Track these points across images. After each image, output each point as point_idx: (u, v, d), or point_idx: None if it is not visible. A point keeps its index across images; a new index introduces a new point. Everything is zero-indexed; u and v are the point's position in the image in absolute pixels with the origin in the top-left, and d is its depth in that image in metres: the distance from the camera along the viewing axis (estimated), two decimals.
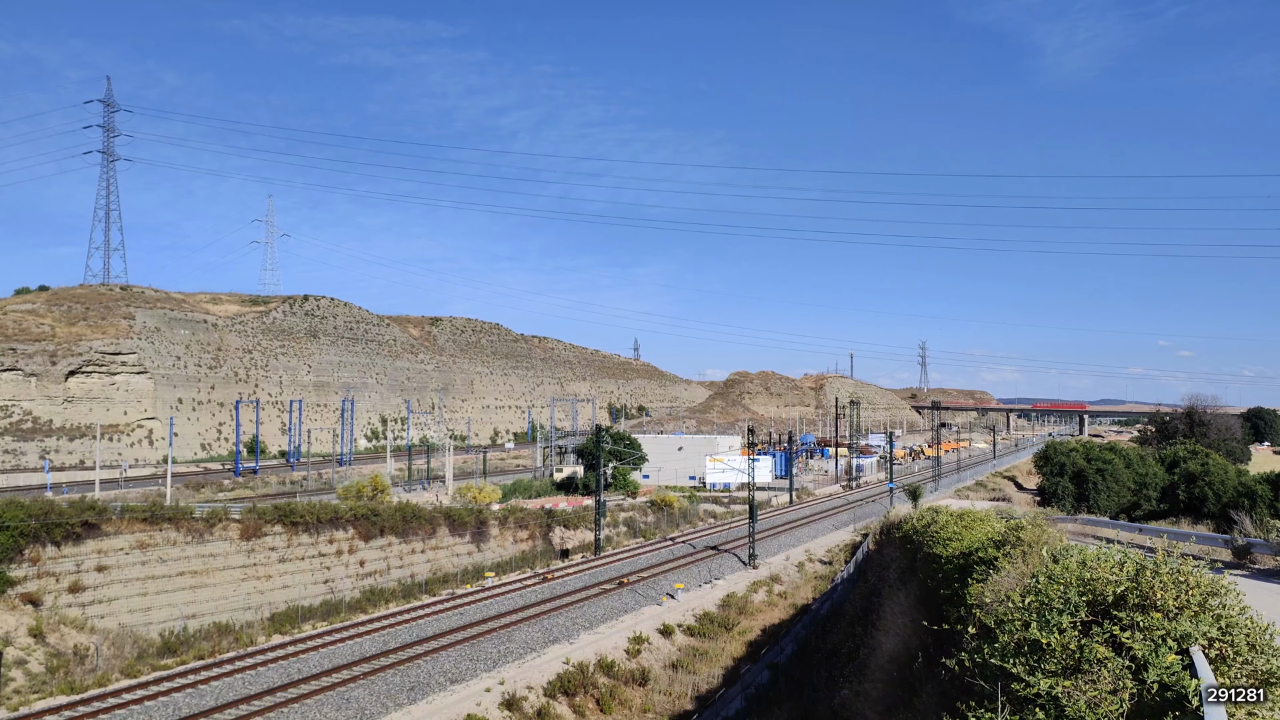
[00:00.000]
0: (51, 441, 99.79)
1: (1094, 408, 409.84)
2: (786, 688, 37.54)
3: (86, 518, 50.87)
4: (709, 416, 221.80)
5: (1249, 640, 8.83)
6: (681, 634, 45.21)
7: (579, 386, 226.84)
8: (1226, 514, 58.20)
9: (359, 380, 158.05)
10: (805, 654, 42.64)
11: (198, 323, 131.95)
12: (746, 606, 51.43)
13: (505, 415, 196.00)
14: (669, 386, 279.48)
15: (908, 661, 21.00)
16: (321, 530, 60.18)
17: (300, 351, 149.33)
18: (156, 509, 55.82)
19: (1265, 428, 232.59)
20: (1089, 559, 10.93)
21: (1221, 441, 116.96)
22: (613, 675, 37.50)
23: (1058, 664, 9.04)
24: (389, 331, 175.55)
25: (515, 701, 32.84)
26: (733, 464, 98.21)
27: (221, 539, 56.52)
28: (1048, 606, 10.01)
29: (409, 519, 63.79)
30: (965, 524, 25.94)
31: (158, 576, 53.08)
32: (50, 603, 47.08)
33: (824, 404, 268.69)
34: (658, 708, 36.04)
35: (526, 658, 37.63)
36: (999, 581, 14.28)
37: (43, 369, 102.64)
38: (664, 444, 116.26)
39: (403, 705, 31.43)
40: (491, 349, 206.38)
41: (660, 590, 51.19)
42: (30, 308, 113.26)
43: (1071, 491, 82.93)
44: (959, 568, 20.07)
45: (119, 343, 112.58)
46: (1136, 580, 9.74)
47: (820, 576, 60.93)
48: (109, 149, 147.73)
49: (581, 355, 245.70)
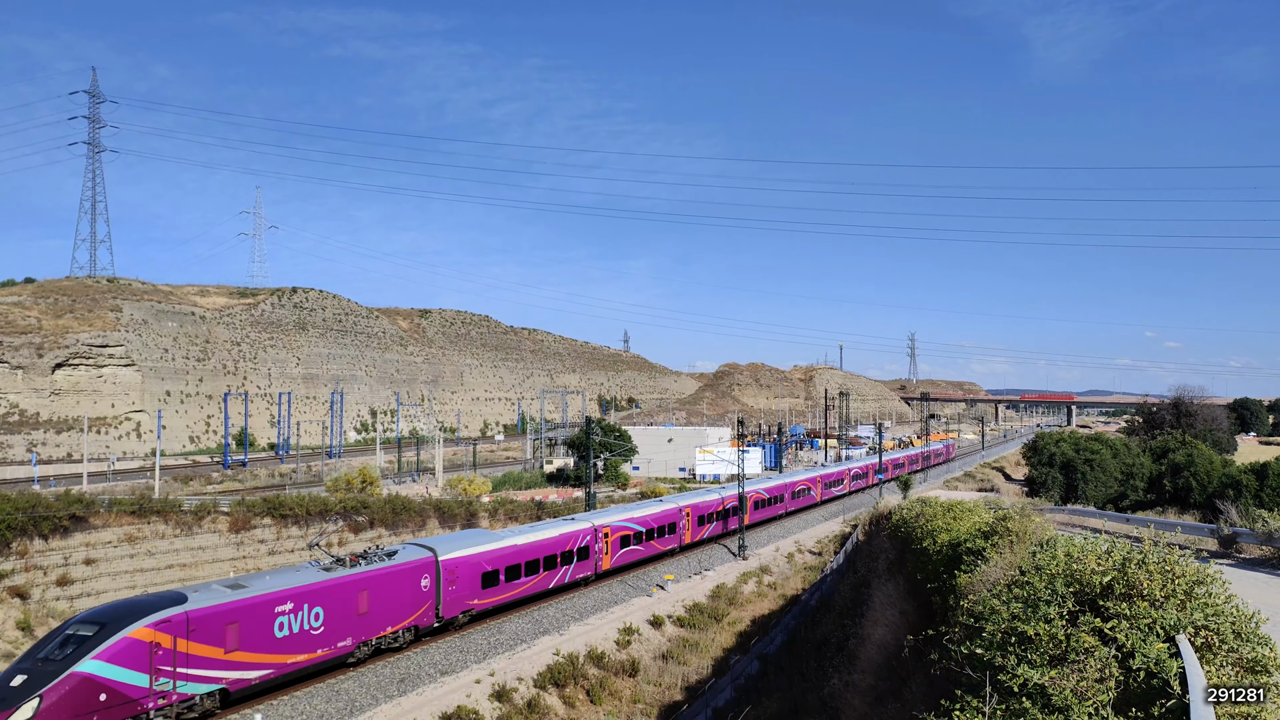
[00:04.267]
0: (39, 434, 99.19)
1: (1082, 399, 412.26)
2: (776, 678, 37.71)
3: (74, 511, 50.65)
4: (699, 408, 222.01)
5: (1235, 629, 8.89)
6: (671, 625, 45.34)
7: (569, 379, 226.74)
8: (1213, 504, 58.55)
9: (348, 373, 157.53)
10: (795, 644, 42.83)
11: (185, 315, 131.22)
12: (736, 597, 51.58)
13: (495, 407, 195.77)
14: (659, 378, 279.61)
15: (896, 652, 21.10)
16: (311, 523, 60.05)
17: (289, 344, 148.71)
18: (145, 502, 55.59)
19: (1251, 418, 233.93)
20: (1075, 550, 10.98)
21: (1208, 432, 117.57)
22: (603, 666, 37.58)
23: (1044, 654, 9.08)
24: (378, 324, 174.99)
25: (505, 693, 32.88)
26: (722, 455, 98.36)
27: (210, 532, 56.35)
28: (1035, 598, 10.05)
29: (398, 511, 63.70)
30: (954, 515, 26.08)
31: (146, 569, 52.90)
32: (38, 596, 46.88)
33: (813, 395, 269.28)
34: (648, 698, 36.15)
35: (516, 649, 37.67)
36: (987, 572, 14.35)
37: (29, 361, 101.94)
38: (654, 436, 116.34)
39: (393, 697, 31.42)
40: (481, 341, 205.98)
41: (650, 582, 51.30)
42: (16, 300, 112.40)
43: (1060, 482, 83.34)
44: (948, 558, 20.16)
45: (106, 335, 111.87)
46: (1123, 570, 9.79)
47: (810, 567, 61.15)
48: (94, 140, 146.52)
49: (571, 347, 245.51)
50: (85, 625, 25.83)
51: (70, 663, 24.30)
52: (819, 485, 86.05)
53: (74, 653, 24.62)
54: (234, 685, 28.66)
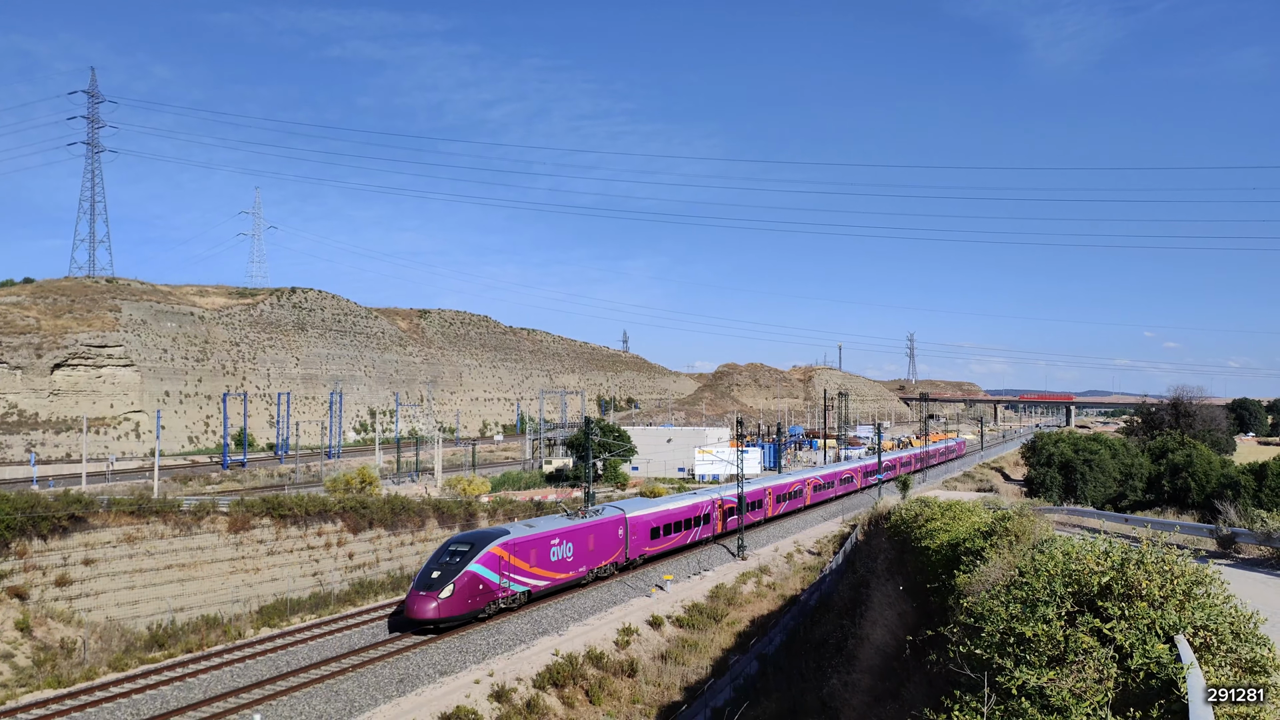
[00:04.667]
0: (37, 435, 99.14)
1: (1081, 399, 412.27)
2: (775, 678, 37.68)
3: (73, 511, 50.59)
4: (698, 408, 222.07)
5: (1233, 629, 8.89)
6: (670, 625, 45.34)
7: (568, 379, 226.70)
8: (1211, 504, 58.53)
9: (347, 373, 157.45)
10: (794, 645, 42.82)
11: (184, 315, 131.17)
12: (735, 598, 51.57)
13: (494, 408, 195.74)
14: (658, 379, 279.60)
15: (896, 652, 21.11)
16: (310, 523, 60.04)
17: (288, 344, 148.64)
18: (144, 502, 55.53)
19: (1250, 418, 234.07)
20: (1074, 550, 10.97)
21: (1207, 432, 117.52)
22: (602, 666, 37.57)
23: (1043, 655, 9.08)
24: (377, 324, 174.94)
25: (504, 693, 32.87)
26: (721, 456, 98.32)
27: (209, 532, 56.31)
28: (1033, 599, 10.06)
29: (398, 511, 63.69)
30: (953, 515, 26.08)
31: (145, 570, 52.85)
32: (37, 596, 46.85)
33: (812, 396, 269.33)
34: (647, 699, 36.15)
35: (515, 649, 37.66)
36: (986, 572, 14.35)
37: (28, 362, 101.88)
38: (653, 436, 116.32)
39: (392, 697, 31.41)
40: (480, 341, 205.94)
41: (649, 582, 51.30)
42: (15, 300, 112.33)
43: (1059, 482, 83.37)
44: (946, 559, 20.16)
45: (105, 335, 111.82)
46: (1122, 570, 9.79)
47: (809, 567, 61.14)
48: (93, 140, 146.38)
49: (570, 348, 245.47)
50: (461, 544, 40.08)
51: (464, 564, 38.47)
52: (841, 479, 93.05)
53: (463, 559, 38.71)
54: (533, 590, 42.90)
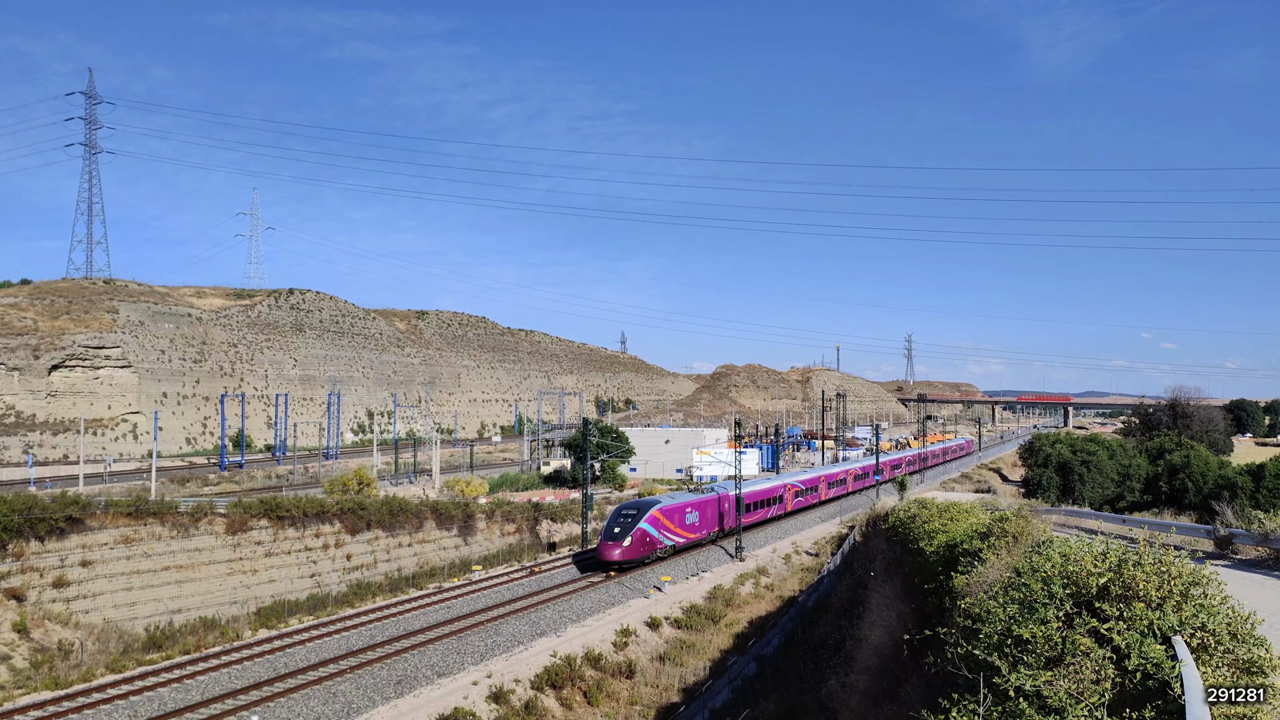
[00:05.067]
0: (35, 436, 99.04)
1: (1078, 400, 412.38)
2: (773, 679, 37.69)
3: (71, 512, 50.54)
4: (696, 409, 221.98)
5: (1231, 629, 8.91)
6: (669, 626, 45.32)
7: (566, 380, 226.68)
8: (1209, 505, 58.59)
9: (345, 374, 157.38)
10: (792, 646, 42.82)
11: (182, 316, 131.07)
12: (733, 599, 51.56)
13: (492, 409, 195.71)
14: (656, 380, 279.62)
15: (894, 653, 21.14)
16: (308, 524, 60.00)
17: (286, 345, 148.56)
18: (141, 503, 55.49)
19: (1247, 419, 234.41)
20: (1072, 551, 10.99)
21: (1204, 433, 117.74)
22: (600, 668, 37.56)
23: (1040, 656, 9.09)
24: (375, 325, 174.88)
25: (503, 694, 32.85)
26: (719, 457, 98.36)
27: (207, 533, 56.27)
28: (1031, 600, 10.07)
29: (395, 513, 63.65)
30: (951, 516, 26.09)
31: (143, 571, 52.81)
32: (34, 598, 46.81)
33: (810, 397, 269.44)
34: (645, 700, 36.13)
35: (514, 651, 37.63)
36: (983, 574, 14.36)
37: (25, 363, 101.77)
38: (651, 437, 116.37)
39: (390, 699, 31.38)
40: (478, 342, 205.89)
41: (647, 583, 51.27)
42: (12, 301, 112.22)
43: (1056, 483, 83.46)
44: (944, 560, 20.17)
45: (102, 336, 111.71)
46: (1119, 571, 9.81)
47: (807, 569, 61.14)
48: (91, 141, 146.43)
49: (568, 349, 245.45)
50: (630, 509, 53.13)
51: (636, 523, 51.56)
52: (855, 477, 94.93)
53: (633, 520, 51.78)
54: (676, 545, 55.90)
